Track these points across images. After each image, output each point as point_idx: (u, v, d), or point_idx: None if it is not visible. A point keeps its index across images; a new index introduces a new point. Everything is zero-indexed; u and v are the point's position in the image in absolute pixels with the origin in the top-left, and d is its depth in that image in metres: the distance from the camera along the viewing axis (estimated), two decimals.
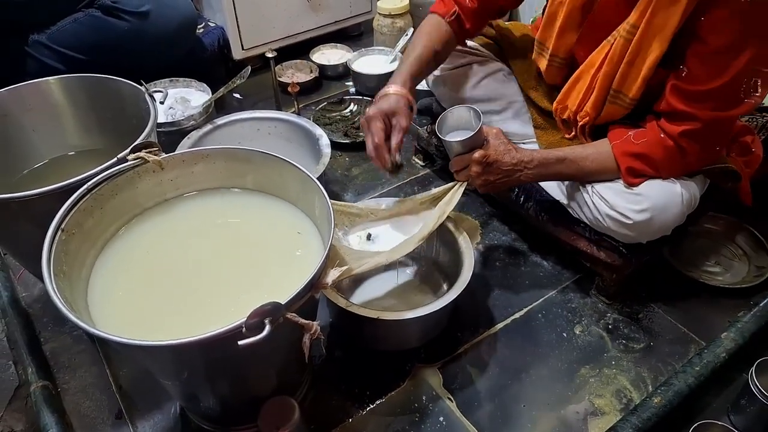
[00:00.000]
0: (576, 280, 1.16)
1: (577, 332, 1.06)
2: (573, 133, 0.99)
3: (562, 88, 0.95)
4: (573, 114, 0.94)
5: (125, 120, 1.00)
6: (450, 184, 0.95)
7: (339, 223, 0.95)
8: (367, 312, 0.85)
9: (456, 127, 0.89)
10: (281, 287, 0.70)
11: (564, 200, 1.09)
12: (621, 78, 0.85)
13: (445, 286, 1.06)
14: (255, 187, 0.88)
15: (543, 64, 0.98)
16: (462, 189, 0.92)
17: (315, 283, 0.67)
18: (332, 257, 0.77)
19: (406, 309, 0.96)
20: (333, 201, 0.95)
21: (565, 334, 1.06)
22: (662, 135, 0.85)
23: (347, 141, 1.49)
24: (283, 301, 0.62)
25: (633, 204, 0.90)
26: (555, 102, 0.97)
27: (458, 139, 0.86)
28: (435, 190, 0.96)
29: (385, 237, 0.96)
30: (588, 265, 1.10)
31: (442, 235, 1.00)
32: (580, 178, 0.96)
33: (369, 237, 0.96)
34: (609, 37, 0.85)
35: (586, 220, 1.03)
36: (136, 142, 0.80)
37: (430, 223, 0.92)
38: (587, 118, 0.92)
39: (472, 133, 0.84)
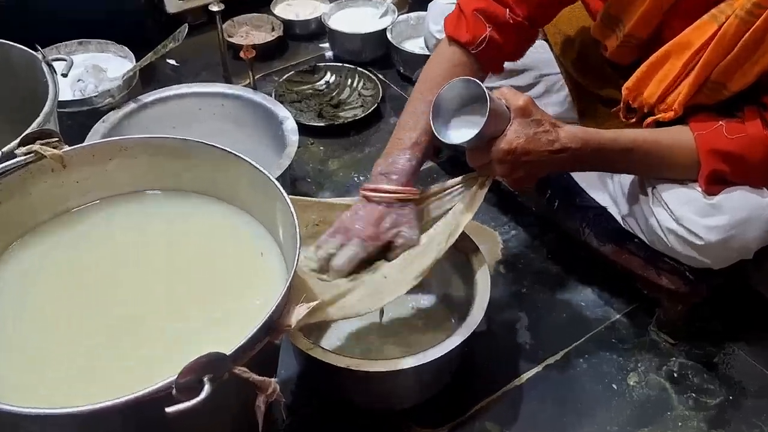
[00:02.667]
0: (629, 313, 1.16)
1: (632, 383, 1.06)
2: (634, 121, 0.99)
3: (633, 71, 0.92)
4: (650, 106, 0.91)
5: (14, 98, 0.99)
6: (469, 176, 0.94)
7: (305, 222, 0.95)
8: (336, 359, 0.85)
9: (457, 111, 0.87)
10: (229, 331, 0.70)
11: (612, 206, 1.10)
12: (728, 68, 0.82)
13: (452, 321, 1.07)
14: (194, 190, 0.88)
15: (612, 43, 0.94)
16: (486, 188, 0.92)
17: (273, 325, 0.67)
18: (297, 289, 0.77)
19: (398, 354, 0.96)
20: (300, 197, 0.96)
21: (615, 386, 1.06)
22: None
23: (322, 124, 1.50)
24: (228, 350, 0.61)
25: (706, 218, 0.88)
26: (625, 88, 0.94)
27: (463, 140, 0.84)
28: (449, 183, 0.96)
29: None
30: (645, 292, 1.11)
31: (450, 252, 1.01)
32: (641, 171, 0.97)
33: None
34: (714, 12, 0.81)
35: (641, 235, 1.03)
36: (27, 131, 0.79)
37: (437, 242, 0.92)
38: (671, 113, 0.87)
39: (478, 130, 0.81)
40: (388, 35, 1.61)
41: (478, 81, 0.83)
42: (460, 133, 0.86)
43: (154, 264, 0.81)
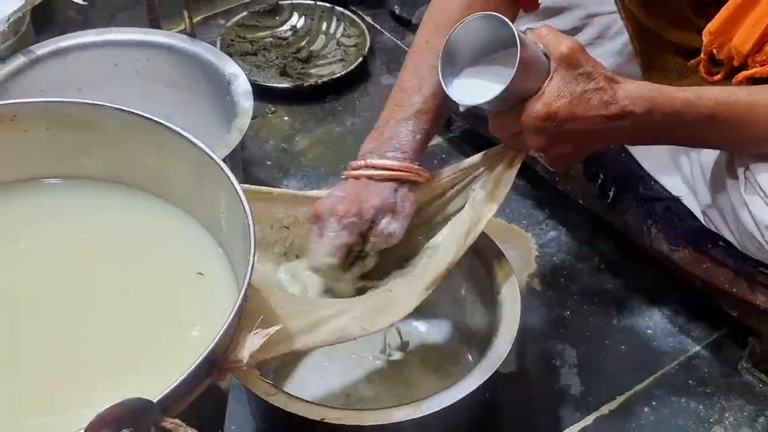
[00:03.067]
0: (712, 344, 1.17)
1: None
2: (720, 77, 0.99)
3: (715, 13, 0.94)
4: (742, 57, 0.92)
5: None
6: (493, 153, 0.96)
7: (267, 222, 0.96)
8: (306, 410, 0.85)
9: (475, 61, 0.88)
10: (157, 372, 0.70)
11: (689, 196, 1.11)
12: None
13: (470, 358, 1.07)
14: (108, 178, 0.88)
15: None
16: (515, 169, 0.94)
17: (218, 362, 0.67)
18: (252, 312, 0.77)
19: (394, 401, 0.96)
20: (258, 188, 0.97)
21: None
22: None
23: (287, 85, 1.51)
24: (155, 396, 0.61)
25: None
26: (707, 33, 0.95)
27: (484, 100, 0.84)
28: (466, 163, 0.97)
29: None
30: (734, 315, 1.12)
31: (466, 261, 1.00)
32: (728, 145, 0.98)
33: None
34: None
35: (729, 235, 1.04)
36: None
37: (454, 241, 0.94)
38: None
39: (504, 86, 0.81)
40: None
41: (504, 18, 0.83)
42: (479, 90, 0.85)
43: (54, 284, 0.80)
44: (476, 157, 0.97)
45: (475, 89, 0.86)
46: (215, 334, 0.65)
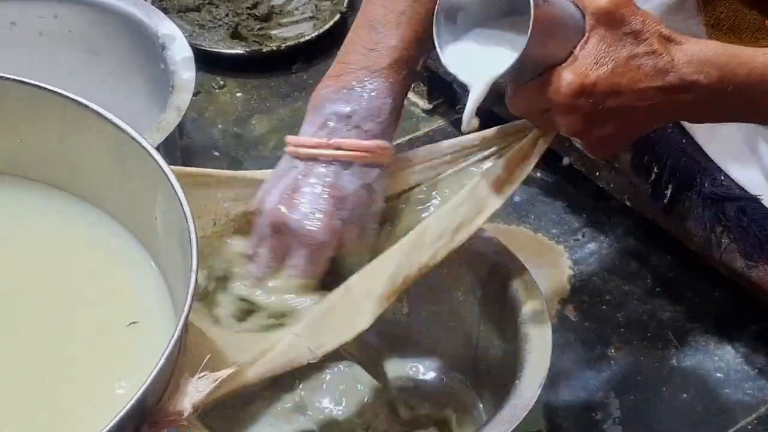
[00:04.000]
0: None
1: None
2: None
3: None
4: None
5: None
6: (510, 129, 0.97)
7: (211, 214, 0.98)
8: None
9: (483, 19, 0.87)
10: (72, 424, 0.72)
11: (766, 191, 1.11)
12: None
13: (480, 408, 1.08)
14: (3, 170, 0.89)
15: None
16: (538, 154, 0.95)
17: (149, 415, 0.67)
18: (195, 348, 0.77)
19: None
20: (201, 170, 0.98)
21: None
22: None
23: (241, 51, 1.53)
24: None
25: None
26: None
27: (494, 74, 0.83)
28: (469, 139, 0.98)
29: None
30: None
31: (476, 282, 1.01)
32: None
33: None
34: None
35: None
36: None
37: (431, 240, 0.94)
38: None
39: (518, 53, 0.81)
40: None
41: None
42: (485, 60, 0.86)
43: None
44: (485, 133, 0.97)
45: (479, 58, 0.86)
46: (143, 382, 0.65)
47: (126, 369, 0.76)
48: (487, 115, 1.24)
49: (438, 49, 0.85)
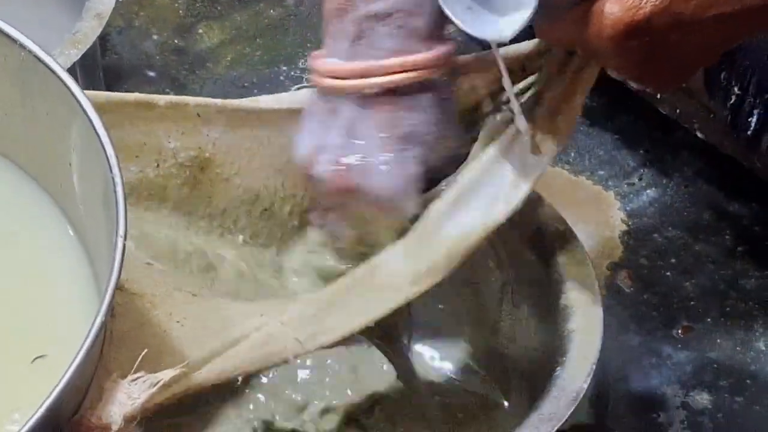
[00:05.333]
0: None
1: None
2: None
3: None
4: None
5: None
6: (535, 47, 1.00)
7: (145, 153, 0.99)
8: None
9: None
10: None
11: None
12: None
13: (505, 405, 1.10)
14: None
15: None
16: (589, 83, 0.97)
17: (63, 428, 0.68)
18: (127, 337, 0.77)
19: None
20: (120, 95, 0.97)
21: None
22: None
23: None
24: None
25: None
26: None
27: (515, 27, 0.85)
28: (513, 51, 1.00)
29: None
30: None
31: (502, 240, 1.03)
32: None
33: None
34: None
35: None
36: None
37: (471, 218, 0.96)
38: None
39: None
40: None
41: None
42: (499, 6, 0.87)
43: None
44: (523, 47, 0.99)
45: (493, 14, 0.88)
46: (55, 386, 0.65)
47: (36, 370, 0.77)
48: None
49: (451, 17, 0.86)
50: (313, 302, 0.94)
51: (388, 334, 1.05)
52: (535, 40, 0.99)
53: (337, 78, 0.95)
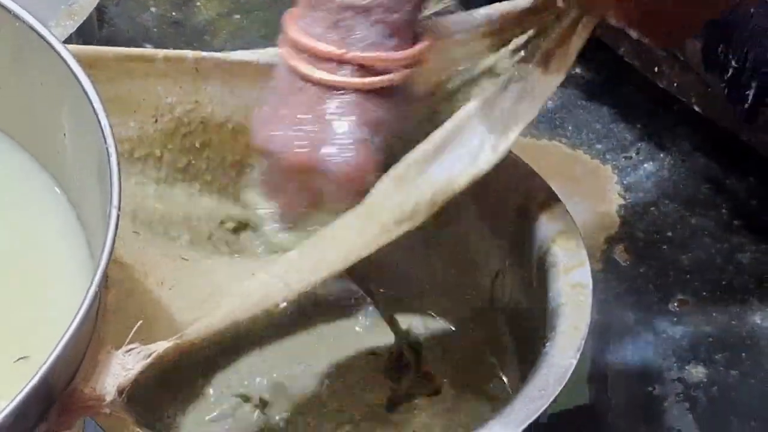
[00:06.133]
0: None
1: None
2: None
3: None
4: None
5: None
6: (531, 3, 0.99)
7: (142, 109, 1.00)
8: None
9: None
10: None
11: None
12: None
13: (503, 377, 1.10)
14: None
15: None
16: (581, 40, 0.96)
17: (57, 398, 0.68)
18: (116, 308, 0.77)
19: None
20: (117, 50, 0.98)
21: None
22: None
23: None
24: None
25: None
26: None
27: None
28: (496, 12, 1.00)
29: None
30: None
31: (496, 209, 1.04)
32: None
33: None
34: None
35: None
36: None
37: (452, 163, 0.96)
38: None
39: None
40: None
41: None
42: None
43: None
44: (512, 5, 0.98)
45: None
46: (47, 358, 0.64)
47: (29, 340, 0.76)
48: None
49: None
50: (299, 249, 0.94)
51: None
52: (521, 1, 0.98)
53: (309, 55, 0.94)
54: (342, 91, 0.93)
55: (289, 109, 0.95)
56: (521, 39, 0.98)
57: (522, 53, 0.98)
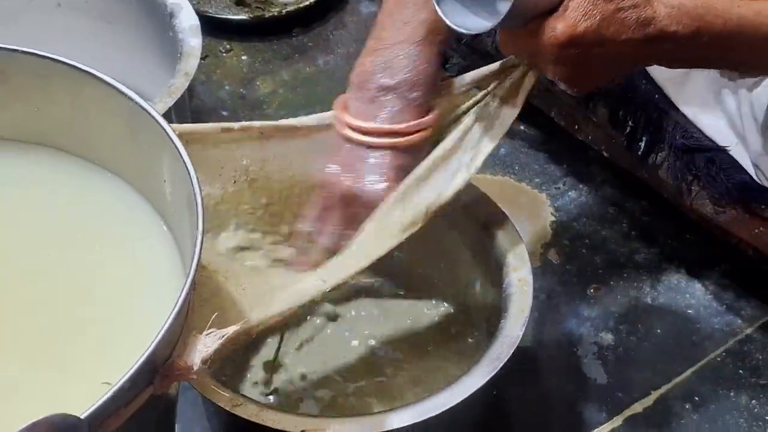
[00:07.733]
0: (767, 325, 1.17)
1: None
2: None
3: None
4: None
5: None
6: (498, 68, 0.98)
7: (226, 172, 0.98)
8: (283, 421, 0.86)
9: None
10: (83, 382, 0.71)
11: (737, 144, 1.10)
12: None
13: (474, 340, 1.09)
14: (15, 135, 0.88)
15: None
16: (531, 83, 0.95)
17: (159, 369, 0.67)
18: (205, 303, 0.77)
19: (382, 405, 0.97)
20: (211, 125, 0.97)
21: None
22: None
23: (245, 17, 1.51)
24: (82, 412, 0.60)
25: None
26: None
27: (484, 26, 0.84)
28: (469, 78, 1.00)
29: None
30: None
31: (467, 226, 1.02)
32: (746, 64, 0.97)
33: None
34: None
35: None
36: None
37: (441, 181, 0.96)
38: None
39: (509, 4, 0.81)
40: None
41: None
42: (477, 11, 0.86)
43: None
44: (486, 69, 0.98)
45: (471, 10, 0.87)
46: (153, 338, 0.65)
47: (138, 328, 0.76)
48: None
49: (435, 7, 0.85)
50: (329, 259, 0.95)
51: None
52: (490, 66, 0.98)
53: (355, 131, 0.96)
54: (378, 150, 0.96)
55: (341, 158, 0.96)
56: (489, 88, 0.97)
57: (487, 99, 0.97)
